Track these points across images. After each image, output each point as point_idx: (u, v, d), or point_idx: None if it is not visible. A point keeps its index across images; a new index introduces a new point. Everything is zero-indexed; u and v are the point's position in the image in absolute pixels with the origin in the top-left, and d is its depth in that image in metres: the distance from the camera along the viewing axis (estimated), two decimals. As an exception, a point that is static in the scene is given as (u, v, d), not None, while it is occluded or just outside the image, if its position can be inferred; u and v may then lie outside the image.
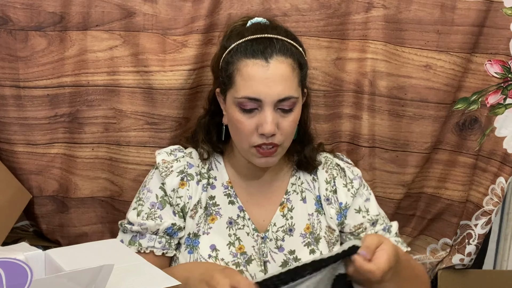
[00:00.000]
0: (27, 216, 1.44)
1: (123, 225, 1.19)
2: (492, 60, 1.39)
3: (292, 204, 1.25)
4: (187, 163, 1.21)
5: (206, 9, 1.31)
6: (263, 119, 1.10)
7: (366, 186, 1.29)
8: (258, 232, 1.21)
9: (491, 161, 1.46)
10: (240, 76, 1.11)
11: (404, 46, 1.38)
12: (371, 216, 1.26)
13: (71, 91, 1.33)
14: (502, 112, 1.43)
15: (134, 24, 1.31)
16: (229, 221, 1.21)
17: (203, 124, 1.25)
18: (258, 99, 1.10)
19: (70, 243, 1.37)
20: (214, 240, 1.19)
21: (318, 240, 1.23)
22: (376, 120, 1.41)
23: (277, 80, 1.10)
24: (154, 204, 1.19)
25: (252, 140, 1.13)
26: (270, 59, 1.10)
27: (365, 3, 1.35)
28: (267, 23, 1.19)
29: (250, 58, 1.11)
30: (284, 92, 1.10)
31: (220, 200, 1.22)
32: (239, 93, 1.11)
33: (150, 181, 1.21)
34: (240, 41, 1.14)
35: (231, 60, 1.13)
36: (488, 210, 1.46)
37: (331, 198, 1.25)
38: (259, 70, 1.10)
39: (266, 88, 1.10)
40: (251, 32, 1.15)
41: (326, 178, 1.26)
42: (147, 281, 0.87)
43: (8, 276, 0.73)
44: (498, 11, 1.36)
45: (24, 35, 1.28)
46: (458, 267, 1.52)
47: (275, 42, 1.12)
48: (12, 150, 1.34)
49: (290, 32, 1.19)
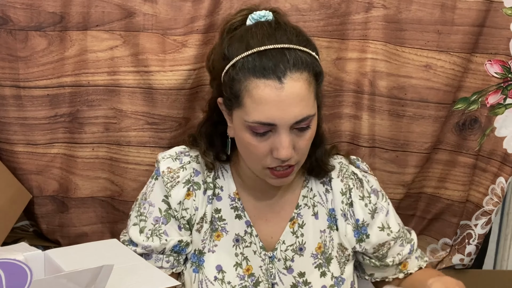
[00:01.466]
0: (27, 216, 1.44)
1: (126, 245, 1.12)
2: (492, 60, 1.39)
3: (303, 219, 1.15)
4: (193, 170, 1.13)
5: (206, 9, 1.31)
6: (278, 143, 1.00)
7: (383, 196, 1.21)
8: (265, 251, 1.13)
9: (491, 161, 1.45)
10: (250, 98, 0.99)
11: (404, 46, 1.38)
12: (394, 234, 1.19)
13: (71, 91, 1.33)
14: (502, 112, 1.43)
15: (134, 24, 1.31)
16: (235, 239, 1.13)
17: (204, 133, 1.14)
18: (272, 123, 0.99)
19: (70, 243, 1.37)
20: (220, 259, 1.12)
21: (329, 261, 1.15)
22: (376, 120, 1.41)
23: (293, 102, 0.98)
24: (158, 219, 1.11)
25: (266, 163, 1.03)
26: (284, 79, 0.97)
27: (365, 3, 1.35)
28: (272, 21, 1.06)
29: (261, 78, 0.98)
30: (301, 114, 0.99)
31: (227, 214, 1.14)
32: (250, 117, 1.00)
33: (151, 194, 1.12)
34: (246, 55, 1.00)
35: (237, 78, 1.00)
36: (488, 210, 1.46)
37: (347, 213, 1.16)
38: (272, 93, 0.97)
39: (281, 112, 0.98)
40: (257, 40, 1.01)
41: (342, 188, 1.17)
42: (147, 281, 0.87)
43: (7, 277, 0.73)
44: (498, 11, 1.36)
45: (24, 35, 1.28)
46: (458, 267, 1.52)
47: (287, 55, 0.99)
48: (12, 150, 1.34)
49: (300, 32, 1.06)
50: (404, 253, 1.22)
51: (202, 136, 1.14)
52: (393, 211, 1.23)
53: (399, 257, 1.22)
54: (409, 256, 1.24)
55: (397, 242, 1.21)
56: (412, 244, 1.24)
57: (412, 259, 1.25)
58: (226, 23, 1.11)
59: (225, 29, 1.10)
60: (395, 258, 1.22)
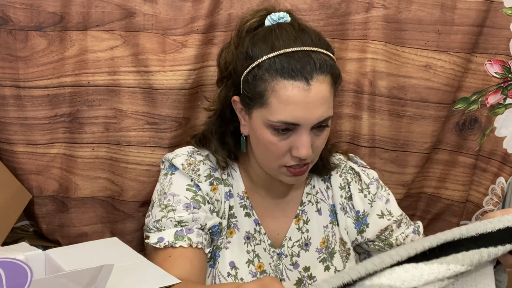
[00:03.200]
0: (27, 216, 1.44)
1: (159, 222, 1.07)
2: (492, 60, 1.39)
3: (307, 216, 1.19)
4: (210, 166, 1.14)
5: (206, 9, 1.31)
6: (299, 142, 1.03)
7: (383, 187, 1.24)
8: (274, 248, 1.16)
9: (491, 161, 1.46)
10: (277, 98, 1.01)
11: (404, 46, 1.38)
12: (396, 217, 1.21)
13: (71, 91, 1.33)
14: (502, 112, 1.43)
15: (134, 24, 1.31)
16: (246, 236, 1.15)
17: (216, 131, 1.15)
18: (297, 123, 1.02)
19: (70, 243, 1.37)
20: (233, 256, 1.13)
21: (333, 255, 1.18)
22: (376, 120, 1.41)
23: (318, 104, 1.01)
24: (189, 206, 1.08)
25: (284, 161, 1.06)
26: (311, 81, 1.00)
27: (365, 3, 1.35)
28: (292, 22, 1.08)
29: (289, 80, 1.00)
30: (324, 115, 1.03)
31: (237, 211, 1.15)
32: (275, 116, 1.02)
33: (171, 187, 1.11)
34: (273, 55, 1.02)
35: (263, 78, 1.02)
36: (488, 210, 1.46)
37: (346, 207, 1.20)
38: (300, 94, 1.00)
39: (307, 113, 1.01)
40: (283, 41, 1.03)
41: (340, 183, 1.21)
42: (148, 279, 0.88)
43: (8, 276, 0.73)
44: (498, 11, 1.36)
45: (24, 35, 1.28)
46: (458, 267, 1.52)
47: (313, 57, 1.02)
48: (12, 150, 1.34)
49: (320, 35, 1.09)
50: (408, 232, 1.22)
51: (214, 134, 1.15)
52: (394, 200, 1.24)
53: (402, 235, 1.22)
54: (415, 237, 1.23)
55: (400, 226, 1.22)
56: (416, 226, 1.24)
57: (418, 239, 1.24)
58: (244, 23, 1.12)
59: (243, 29, 1.11)
60: (398, 237, 1.22)
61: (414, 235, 1.23)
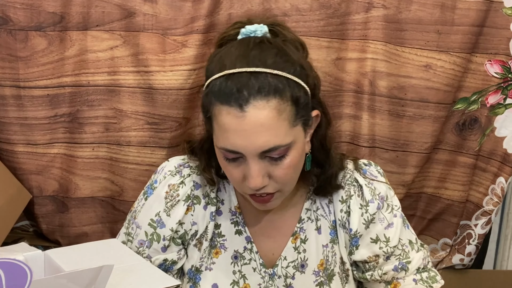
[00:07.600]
0: (27, 216, 1.44)
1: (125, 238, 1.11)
2: (492, 60, 1.39)
3: (306, 234, 1.09)
4: (194, 183, 1.07)
5: (206, 9, 1.31)
6: (247, 172, 0.94)
7: (390, 207, 1.10)
8: (265, 268, 1.08)
9: (491, 161, 1.46)
10: (216, 124, 0.93)
11: (404, 46, 1.38)
12: (387, 248, 1.08)
13: (71, 91, 1.33)
14: (502, 112, 1.43)
15: (134, 24, 1.31)
16: (234, 255, 1.08)
17: (203, 149, 1.07)
18: (237, 152, 0.93)
19: (70, 243, 1.37)
20: (216, 278, 1.07)
21: (331, 278, 1.09)
22: (376, 120, 1.41)
23: (257, 132, 0.90)
24: (143, 243, 1.07)
25: (243, 189, 0.98)
26: (246, 107, 0.89)
27: (365, 3, 1.35)
28: (260, 36, 0.97)
29: (224, 104, 0.91)
30: (267, 144, 0.91)
31: (226, 229, 1.08)
32: (218, 142, 0.95)
33: (139, 214, 1.08)
34: (216, 77, 0.93)
35: (207, 100, 0.95)
36: (488, 210, 1.46)
37: (345, 222, 1.08)
38: (233, 121, 0.90)
39: (244, 141, 0.91)
40: (230, 61, 0.93)
41: (342, 196, 1.08)
42: (147, 280, 0.88)
43: (7, 277, 0.73)
44: (498, 11, 1.36)
45: (24, 35, 1.28)
46: (458, 267, 1.52)
47: (252, 80, 0.90)
48: (12, 150, 1.35)
49: (284, 52, 0.95)
50: (386, 269, 1.09)
51: (203, 152, 1.07)
52: (400, 225, 1.11)
53: (379, 272, 1.09)
54: (397, 274, 1.10)
55: (389, 259, 1.09)
56: (403, 262, 1.10)
57: (407, 281, 1.10)
58: (220, 34, 1.05)
59: (216, 42, 1.05)
60: (374, 273, 1.10)
61: (394, 273, 1.09)
